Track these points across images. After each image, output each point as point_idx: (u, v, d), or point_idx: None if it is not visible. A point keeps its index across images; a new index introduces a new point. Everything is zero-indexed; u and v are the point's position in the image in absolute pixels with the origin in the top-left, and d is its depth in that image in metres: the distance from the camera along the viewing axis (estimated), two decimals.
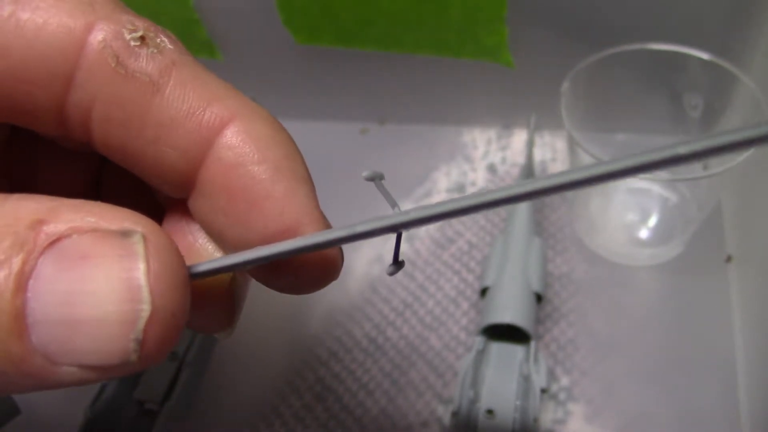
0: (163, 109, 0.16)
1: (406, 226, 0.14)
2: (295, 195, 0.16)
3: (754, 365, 0.31)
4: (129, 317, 0.13)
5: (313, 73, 0.43)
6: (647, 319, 0.34)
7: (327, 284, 0.18)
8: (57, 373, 0.13)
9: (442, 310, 0.36)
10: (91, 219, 0.13)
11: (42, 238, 0.12)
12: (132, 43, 0.15)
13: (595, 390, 0.32)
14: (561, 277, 0.36)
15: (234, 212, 0.16)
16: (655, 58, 0.33)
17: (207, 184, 0.16)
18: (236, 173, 0.16)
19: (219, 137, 0.16)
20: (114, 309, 0.13)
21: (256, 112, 0.16)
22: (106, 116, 0.16)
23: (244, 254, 0.15)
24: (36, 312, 0.12)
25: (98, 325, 0.13)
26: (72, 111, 0.16)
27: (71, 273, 0.13)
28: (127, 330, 0.13)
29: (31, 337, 0.12)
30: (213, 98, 0.16)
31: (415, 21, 0.38)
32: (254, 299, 0.37)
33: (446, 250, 0.38)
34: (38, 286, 0.12)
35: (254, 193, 0.16)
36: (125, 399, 0.32)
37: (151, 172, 0.17)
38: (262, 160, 0.16)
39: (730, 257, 0.36)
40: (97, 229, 0.13)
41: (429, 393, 0.33)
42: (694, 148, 0.11)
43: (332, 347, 0.35)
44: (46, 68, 0.15)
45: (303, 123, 0.45)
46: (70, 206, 0.13)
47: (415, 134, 0.44)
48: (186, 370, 0.32)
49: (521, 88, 0.40)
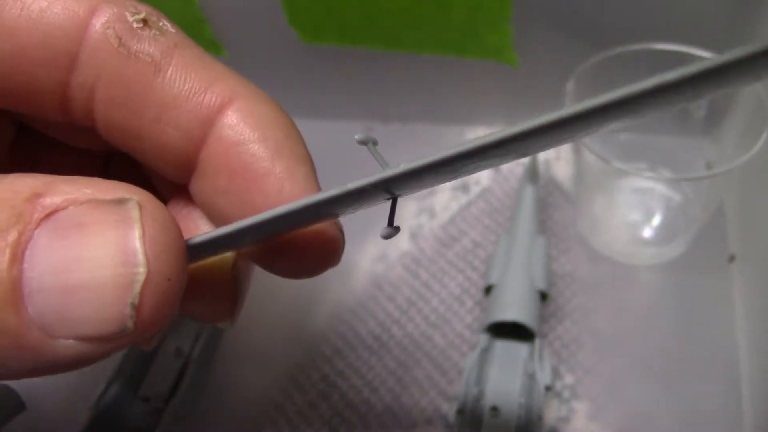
0: (165, 89, 0.16)
1: (397, 181, 0.13)
2: (295, 173, 0.16)
3: (757, 364, 0.31)
4: (125, 281, 0.13)
5: (317, 72, 0.43)
6: (650, 317, 0.35)
7: (328, 267, 0.18)
8: (54, 348, 0.13)
9: (447, 308, 0.36)
10: (87, 190, 0.13)
11: (38, 210, 0.13)
12: (135, 25, 0.16)
13: (599, 388, 0.32)
14: (565, 275, 0.36)
15: (235, 191, 0.16)
16: (659, 58, 0.34)
17: (208, 163, 0.17)
18: (236, 152, 0.16)
19: (220, 117, 0.16)
20: (109, 273, 0.13)
21: (256, 93, 0.17)
22: (109, 97, 0.16)
23: (239, 223, 0.15)
24: (32, 281, 0.12)
25: (94, 290, 0.13)
26: (75, 92, 0.16)
27: (67, 241, 0.13)
28: (123, 294, 0.13)
29: (28, 308, 0.12)
30: (214, 79, 0.16)
31: (420, 20, 0.38)
32: (259, 297, 0.37)
33: (451, 249, 0.38)
34: (34, 256, 0.12)
35: (254, 171, 0.16)
36: (130, 396, 0.32)
37: (153, 153, 0.17)
38: (262, 139, 0.16)
39: (733, 257, 0.36)
40: (93, 200, 0.13)
41: (433, 390, 0.33)
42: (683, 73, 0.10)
43: (337, 345, 0.35)
44: (50, 49, 0.15)
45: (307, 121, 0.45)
46: (66, 180, 0.13)
47: (419, 133, 0.44)
48: (191, 367, 0.32)
49: (525, 88, 0.40)
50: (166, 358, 0.33)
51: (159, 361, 0.33)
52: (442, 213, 0.40)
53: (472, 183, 0.41)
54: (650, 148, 0.38)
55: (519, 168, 0.42)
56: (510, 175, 0.41)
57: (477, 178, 0.42)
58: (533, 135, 0.11)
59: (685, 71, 0.10)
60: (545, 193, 0.40)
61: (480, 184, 0.41)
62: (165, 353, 0.34)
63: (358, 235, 0.39)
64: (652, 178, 0.37)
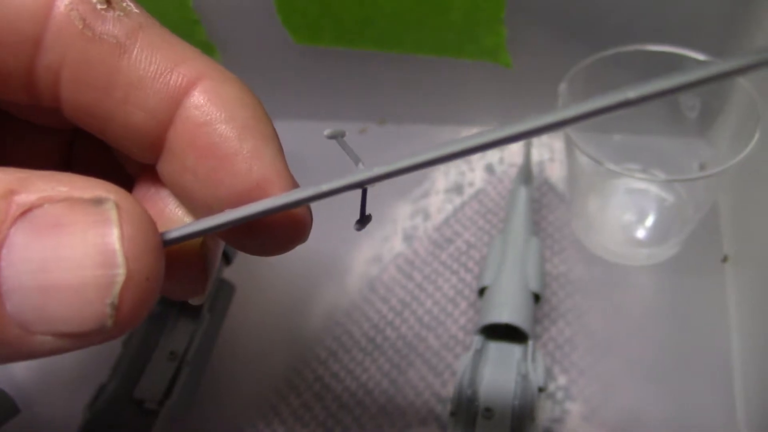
0: (131, 71, 0.16)
1: (370, 181, 0.14)
2: (263, 153, 0.16)
3: (750, 363, 0.31)
4: (104, 281, 0.13)
5: (312, 73, 0.43)
6: (644, 318, 0.35)
7: (297, 244, 0.18)
8: (32, 342, 0.13)
9: (441, 310, 0.36)
10: (62, 188, 0.13)
11: (13, 208, 0.13)
12: (98, 6, 0.16)
13: (593, 389, 0.33)
14: (559, 276, 0.36)
15: (202, 171, 0.16)
16: (652, 59, 0.34)
17: (175, 144, 0.17)
18: (204, 132, 0.16)
19: (187, 97, 0.16)
20: (89, 274, 0.13)
21: (223, 73, 0.17)
22: (75, 78, 0.16)
23: (214, 218, 0.15)
24: (10, 280, 0.12)
25: (74, 291, 0.13)
26: (41, 74, 0.16)
27: (45, 241, 0.13)
28: (102, 295, 0.13)
29: (6, 306, 0.13)
30: (180, 59, 0.16)
31: (414, 21, 0.38)
32: (253, 299, 0.37)
33: (444, 250, 0.38)
34: (11, 255, 0.12)
35: (222, 151, 0.16)
36: (125, 398, 0.32)
37: (119, 134, 0.17)
38: (229, 119, 0.16)
39: (727, 257, 0.36)
40: (69, 198, 0.13)
41: (427, 392, 0.33)
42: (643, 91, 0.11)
43: (331, 346, 0.35)
44: (15, 31, 0.15)
45: (302, 123, 0.45)
46: (41, 176, 0.13)
47: (414, 134, 0.44)
48: (185, 369, 0.32)
49: (519, 89, 0.40)
50: (160, 360, 0.33)
51: (153, 364, 0.33)
52: (436, 215, 0.40)
53: (465, 184, 0.41)
54: (644, 148, 0.39)
55: (513, 169, 0.42)
56: (504, 177, 0.41)
57: (471, 180, 0.42)
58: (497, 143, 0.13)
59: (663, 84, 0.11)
60: (539, 195, 0.40)
61: (474, 186, 0.41)
62: (159, 356, 0.34)
63: (352, 238, 0.39)
64: (645, 179, 0.37)
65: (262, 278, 0.38)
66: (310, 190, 0.14)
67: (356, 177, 0.14)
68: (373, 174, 0.14)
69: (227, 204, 0.16)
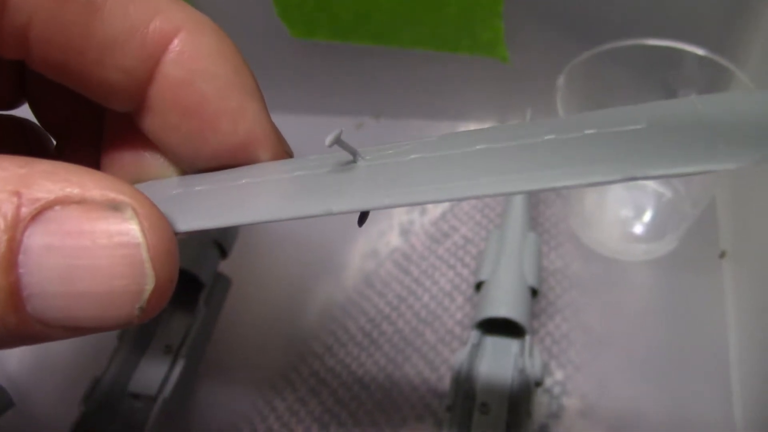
0: (105, 29, 0.15)
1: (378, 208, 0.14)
2: (247, 110, 0.16)
3: (747, 359, 0.31)
4: (134, 289, 0.13)
5: (308, 68, 0.43)
6: (641, 314, 0.35)
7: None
8: (51, 334, 0.13)
9: (437, 304, 0.36)
10: (71, 189, 0.13)
11: (23, 212, 0.12)
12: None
13: (589, 384, 0.32)
14: (556, 272, 0.36)
15: (186, 130, 0.16)
16: (651, 54, 0.34)
17: (157, 102, 0.16)
18: (186, 91, 0.16)
19: (165, 54, 0.16)
20: (118, 284, 0.13)
21: (201, 24, 0.16)
22: (45, 39, 0.15)
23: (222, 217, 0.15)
24: (32, 286, 0.12)
25: (102, 298, 0.13)
26: (7, 32, 0.15)
27: (65, 249, 0.12)
28: (132, 301, 0.13)
29: (28, 309, 0.12)
30: (155, 12, 0.15)
31: (411, 15, 0.38)
32: (249, 294, 0.37)
33: (441, 245, 0.38)
34: (30, 261, 0.12)
35: (206, 110, 0.16)
36: (120, 391, 0.32)
37: (95, 92, 0.16)
38: (211, 77, 0.16)
39: (724, 253, 0.36)
40: (83, 201, 0.13)
41: (424, 387, 0.33)
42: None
43: (327, 341, 0.35)
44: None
45: (298, 117, 0.45)
46: (44, 173, 0.13)
47: (411, 129, 0.44)
48: (180, 363, 0.32)
49: (517, 83, 0.40)
50: (155, 354, 0.33)
51: (148, 358, 0.33)
52: (433, 209, 0.40)
53: None
54: None
55: None
56: None
57: None
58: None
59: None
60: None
61: None
62: (154, 350, 0.33)
63: (349, 233, 0.39)
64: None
65: (259, 272, 0.38)
66: (320, 207, 0.14)
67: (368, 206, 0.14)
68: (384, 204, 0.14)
69: (213, 161, 0.16)
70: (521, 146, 0.13)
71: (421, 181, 0.13)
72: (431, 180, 0.13)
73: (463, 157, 0.13)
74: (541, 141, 0.13)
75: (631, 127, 0.12)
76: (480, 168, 0.13)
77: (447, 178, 0.13)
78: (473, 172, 0.13)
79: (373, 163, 0.15)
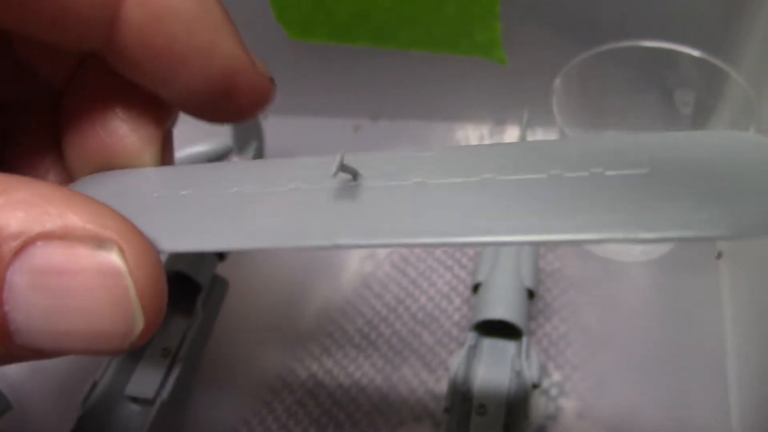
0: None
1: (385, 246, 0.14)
2: (218, 46, 0.16)
3: (744, 359, 0.31)
4: (123, 329, 0.13)
5: (305, 70, 0.43)
6: (639, 314, 0.35)
7: (261, 111, 0.18)
8: (42, 357, 0.13)
9: (435, 306, 0.36)
10: (52, 223, 0.12)
11: (5, 250, 0.12)
12: None
13: (587, 385, 0.33)
14: (553, 273, 0.36)
15: (157, 71, 0.15)
16: (647, 56, 0.34)
17: (123, 45, 0.15)
18: (151, 32, 0.15)
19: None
20: (107, 324, 0.12)
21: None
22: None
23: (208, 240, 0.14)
24: (18, 322, 0.12)
25: (90, 337, 0.13)
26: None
27: (51, 289, 0.12)
28: (122, 339, 0.13)
29: (16, 341, 0.12)
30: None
31: (408, 17, 0.38)
32: (246, 296, 0.37)
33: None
34: (15, 299, 0.12)
35: (174, 51, 0.15)
36: (118, 395, 0.32)
37: (58, 45, 0.15)
38: (176, 15, 0.15)
39: (721, 254, 0.36)
40: (66, 236, 0.12)
41: (421, 389, 0.33)
42: None
43: (324, 343, 0.35)
44: None
45: (296, 119, 0.45)
46: (22, 204, 0.12)
47: (408, 130, 0.44)
48: (178, 365, 0.32)
49: (514, 85, 0.40)
50: (152, 357, 0.33)
51: (146, 361, 0.33)
52: None
53: None
54: None
55: None
56: None
57: None
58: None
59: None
60: None
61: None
62: (152, 353, 0.33)
63: None
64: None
65: (256, 274, 0.38)
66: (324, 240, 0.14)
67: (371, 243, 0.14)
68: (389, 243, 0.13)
69: (191, 99, 0.16)
70: (526, 183, 0.13)
71: (422, 223, 0.13)
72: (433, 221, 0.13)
73: (466, 189, 0.13)
74: (547, 177, 0.13)
75: (637, 171, 0.12)
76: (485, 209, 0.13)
77: (449, 220, 0.13)
78: (477, 216, 0.13)
79: (376, 186, 0.14)
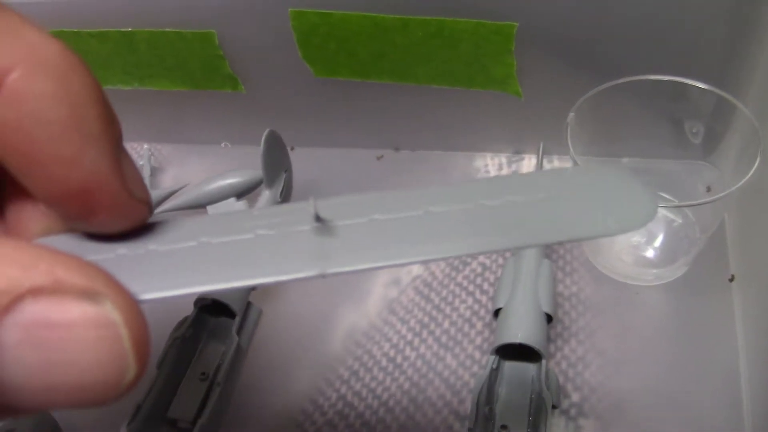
0: None
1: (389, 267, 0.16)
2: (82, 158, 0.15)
3: (758, 381, 0.32)
4: (116, 380, 0.13)
5: (331, 104, 0.45)
6: (654, 337, 0.36)
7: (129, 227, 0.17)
8: (27, 414, 0.13)
9: (458, 330, 0.38)
10: (42, 279, 0.12)
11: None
12: None
13: (604, 405, 0.34)
14: (570, 297, 0.38)
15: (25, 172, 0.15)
16: (657, 88, 0.35)
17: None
18: (16, 134, 0.14)
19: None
20: (101, 375, 0.13)
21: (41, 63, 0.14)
22: None
23: (186, 286, 0.15)
24: (11, 377, 0.12)
25: (83, 388, 0.13)
26: None
27: (42, 344, 0.12)
28: (114, 389, 0.13)
29: (11, 398, 0.12)
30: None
31: (426, 54, 0.40)
32: (279, 324, 0.39)
33: (461, 272, 0.40)
34: (7, 357, 0.12)
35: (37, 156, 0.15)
36: (160, 417, 0.34)
37: None
38: (43, 121, 0.14)
39: (734, 277, 0.37)
40: (55, 291, 0.12)
41: (446, 410, 0.35)
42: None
43: (353, 366, 0.37)
44: None
45: (324, 150, 0.47)
46: (9, 260, 0.12)
47: (428, 160, 0.46)
48: (216, 389, 0.34)
49: (530, 117, 0.42)
50: (192, 381, 0.35)
51: (185, 385, 0.35)
52: None
53: None
54: (652, 171, 0.40)
55: None
56: None
57: None
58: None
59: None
60: None
61: None
62: (191, 377, 0.35)
63: None
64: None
65: (287, 302, 0.40)
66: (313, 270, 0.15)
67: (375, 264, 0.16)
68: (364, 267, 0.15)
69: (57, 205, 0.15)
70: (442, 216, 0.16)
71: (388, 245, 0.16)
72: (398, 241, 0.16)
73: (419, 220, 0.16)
74: (474, 206, 0.16)
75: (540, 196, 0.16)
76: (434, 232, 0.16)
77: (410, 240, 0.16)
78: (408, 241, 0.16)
79: (341, 224, 0.16)
